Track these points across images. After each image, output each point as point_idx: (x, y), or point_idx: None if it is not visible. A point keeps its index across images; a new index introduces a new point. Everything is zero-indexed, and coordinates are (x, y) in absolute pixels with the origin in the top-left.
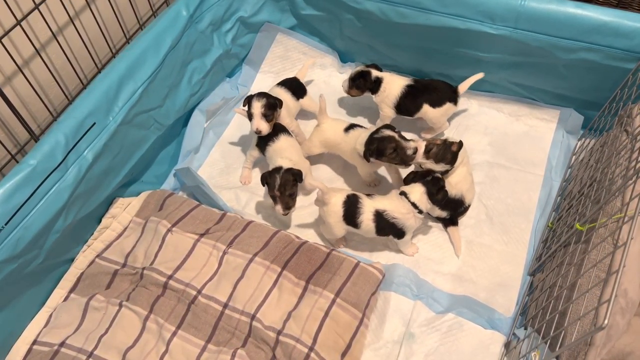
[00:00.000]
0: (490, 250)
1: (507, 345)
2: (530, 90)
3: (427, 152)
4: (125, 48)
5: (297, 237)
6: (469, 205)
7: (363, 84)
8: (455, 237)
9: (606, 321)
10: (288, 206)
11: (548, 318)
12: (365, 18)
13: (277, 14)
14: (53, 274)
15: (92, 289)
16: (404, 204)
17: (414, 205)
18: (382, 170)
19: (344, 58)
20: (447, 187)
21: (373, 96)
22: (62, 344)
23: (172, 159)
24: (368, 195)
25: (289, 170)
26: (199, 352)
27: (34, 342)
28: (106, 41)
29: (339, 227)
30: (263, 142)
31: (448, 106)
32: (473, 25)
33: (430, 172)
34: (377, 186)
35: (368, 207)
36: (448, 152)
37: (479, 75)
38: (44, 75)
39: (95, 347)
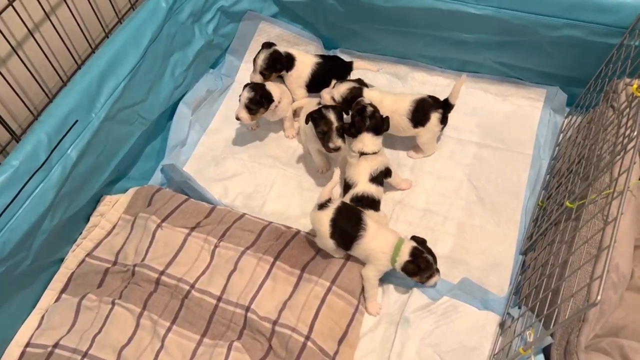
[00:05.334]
0: (482, 231)
1: (501, 324)
2: (516, 70)
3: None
4: (104, 43)
5: (288, 228)
6: None
7: (278, 62)
8: (455, 88)
9: (599, 297)
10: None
11: (541, 296)
12: (348, 3)
13: (259, 2)
14: (43, 275)
15: (84, 288)
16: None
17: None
18: None
19: (328, 44)
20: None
21: (286, 75)
22: (56, 345)
23: (158, 154)
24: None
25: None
26: (195, 346)
27: (28, 345)
28: (85, 36)
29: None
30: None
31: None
32: (456, 6)
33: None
34: (327, 172)
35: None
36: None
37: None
38: (22, 74)
39: (90, 347)
